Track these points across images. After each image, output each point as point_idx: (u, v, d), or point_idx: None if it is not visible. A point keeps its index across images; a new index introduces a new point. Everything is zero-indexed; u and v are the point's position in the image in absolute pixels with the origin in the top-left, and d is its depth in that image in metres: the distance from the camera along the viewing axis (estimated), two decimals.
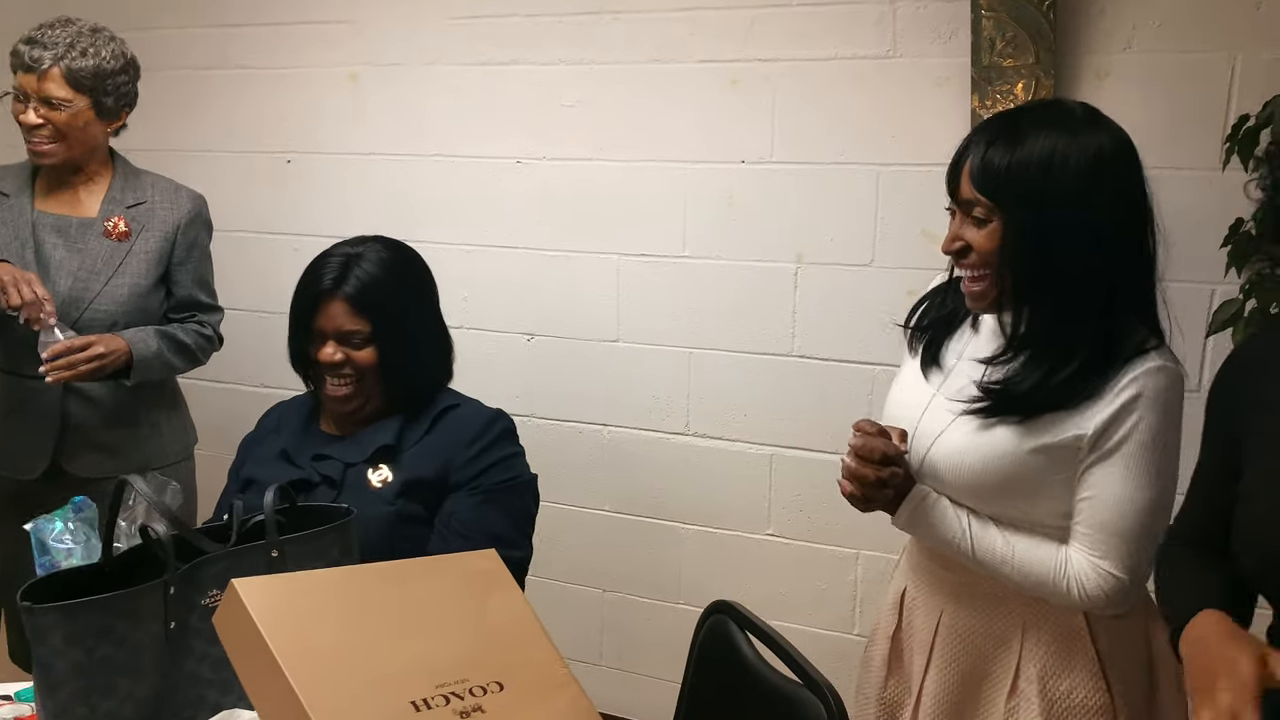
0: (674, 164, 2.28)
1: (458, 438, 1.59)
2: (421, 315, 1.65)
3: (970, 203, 1.25)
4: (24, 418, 2.01)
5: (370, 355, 1.57)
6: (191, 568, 1.21)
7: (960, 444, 1.31)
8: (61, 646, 1.10)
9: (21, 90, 1.91)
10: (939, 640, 1.41)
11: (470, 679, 1.02)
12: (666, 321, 2.35)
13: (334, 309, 1.56)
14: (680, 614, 2.45)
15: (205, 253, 2.15)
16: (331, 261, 1.59)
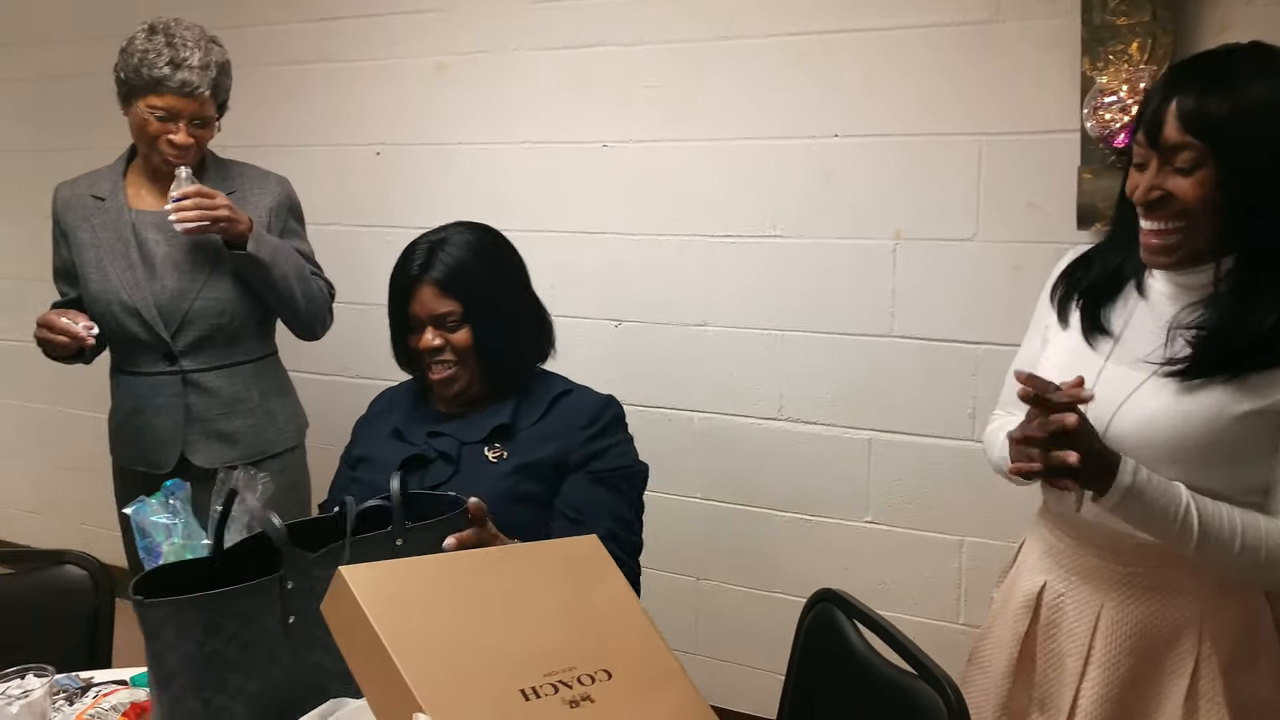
0: (763, 141, 2.22)
1: (572, 422, 1.60)
2: (511, 293, 1.66)
3: (1176, 148, 1.16)
4: (150, 413, 2.06)
5: (466, 336, 1.59)
6: (319, 558, 1.20)
7: (1155, 408, 1.20)
8: (173, 640, 1.11)
9: (169, 112, 1.92)
10: (1099, 639, 1.30)
11: (578, 667, 0.99)
12: (757, 304, 2.29)
13: (424, 294, 1.59)
14: (776, 603, 2.40)
15: (301, 231, 2.18)
16: (417, 250, 1.62)
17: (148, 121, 1.94)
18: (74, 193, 2.08)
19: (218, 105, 2.01)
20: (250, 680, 1.15)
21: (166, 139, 1.94)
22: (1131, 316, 1.28)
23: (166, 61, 1.91)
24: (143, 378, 2.05)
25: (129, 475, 2.12)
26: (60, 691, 1.44)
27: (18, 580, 1.78)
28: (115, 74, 1.98)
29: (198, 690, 1.13)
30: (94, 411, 3.29)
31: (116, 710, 1.36)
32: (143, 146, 2.00)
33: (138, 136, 2.00)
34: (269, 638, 1.16)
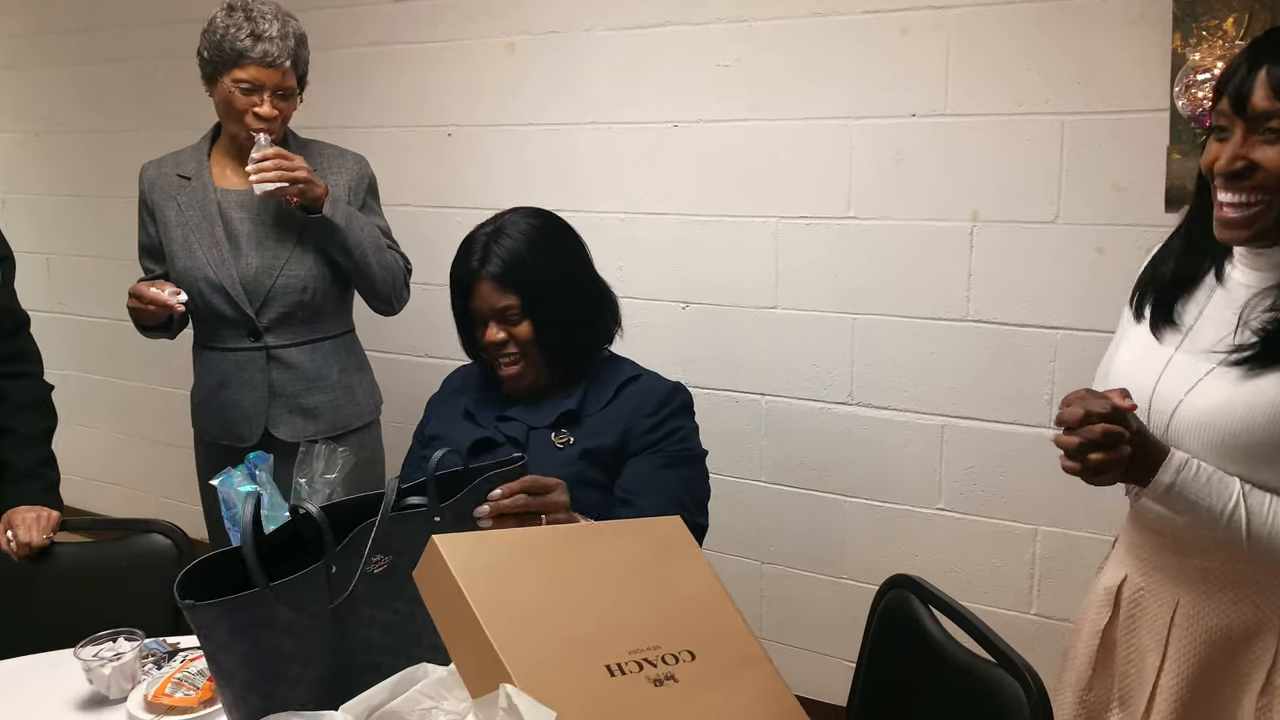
0: (837, 121, 2.19)
1: (638, 407, 1.59)
2: (571, 280, 1.65)
3: (1266, 115, 1.11)
4: (235, 388, 2.10)
5: (527, 329, 1.59)
6: (353, 538, 1.19)
7: (1216, 399, 1.17)
8: (227, 640, 1.09)
9: (253, 84, 1.96)
10: (1175, 634, 1.27)
11: (662, 646, 0.99)
12: (828, 286, 2.26)
13: (483, 289, 1.59)
14: (843, 589, 2.38)
15: (378, 209, 2.21)
16: (475, 243, 1.62)
17: (233, 96, 1.98)
18: (160, 172, 2.12)
19: (298, 78, 2.04)
20: (307, 668, 1.14)
21: (252, 112, 1.97)
22: (1206, 307, 1.24)
23: (247, 34, 1.95)
24: (227, 353, 2.10)
25: (212, 449, 2.17)
26: (149, 655, 1.49)
27: (107, 548, 1.84)
28: (199, 55, 2.02)
29: (258, 686, 1.11)
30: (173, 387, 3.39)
31: (203, 675, 1.39)
32: (228, 123, 2.04)
33: (223, 113, 2.04)
34: (319, 623, 1.15)
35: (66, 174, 3.53)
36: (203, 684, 1.38)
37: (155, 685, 1.39)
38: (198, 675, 1.39)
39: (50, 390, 1.95)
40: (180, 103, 3.12)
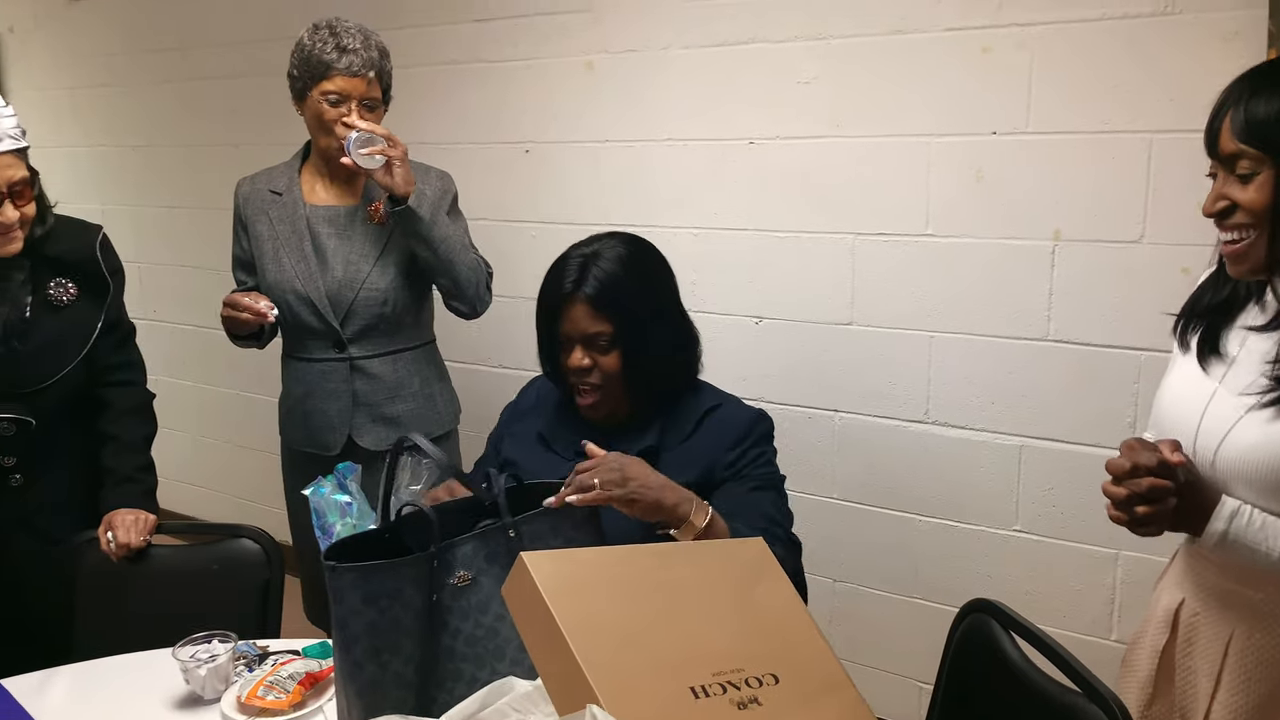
0: (916, 138, 2.18)
1: (720, 440, 1.56)
2: (663, 310, 1.62)
3: (1234, 157, 1.17)
4: (320, 398, 2.17)
5: (615, 360, 1.55)
6: (442, 549, 1.25)
7: (1254, 439, 1.17)
8: (359, 606, 1.18)
9: (341, 95, 2.02)
10: (1230, 663, 1.27)
11: (746, 669, 1.00)
12: (905, 303, 2.25)
13: (576, 312, 1.55)
14: (917, 609, 2.36)
15: (462, 222, 2.25)
16: (569, 264, 1.58)
17: (322, 108, 2.04)
18: (254, 188, 2.20)
19: (383, 89, 2.10)
20: (418, 648, 1.21)
21: (341, 122, 2.03)
22: (1248, 339, 1.25)
23: (333, 47, 2.02)
24: (313, 364, 2.16)
25: (298, 457, 2.24)
26: (241, 658, 1.54)
27: (198, 551, 1.91)
28: (288, 74, 2.09)
29: (376, 654, 1.19)
30: (255, 394, 3.50)
31: (293, 679, 1.44)
32: (318, 136, 2.09)
33: (314, 128, 2.09)
34: (421, 609, 1.22)
35: (161, 186, 3.67)
36: (293, 688, 1.42)
37: (248, 687, 1.44)
38: (288, 679, 1.44)
39: (152, 398, 2.04)
40: (267, 118, 3.23)
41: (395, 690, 1.19)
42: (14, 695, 1.50)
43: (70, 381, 1.85)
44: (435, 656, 1.21)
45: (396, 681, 1.19)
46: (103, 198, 3.80)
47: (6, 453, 1.82)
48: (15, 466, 1.83)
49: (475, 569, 1.24)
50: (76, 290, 1.85)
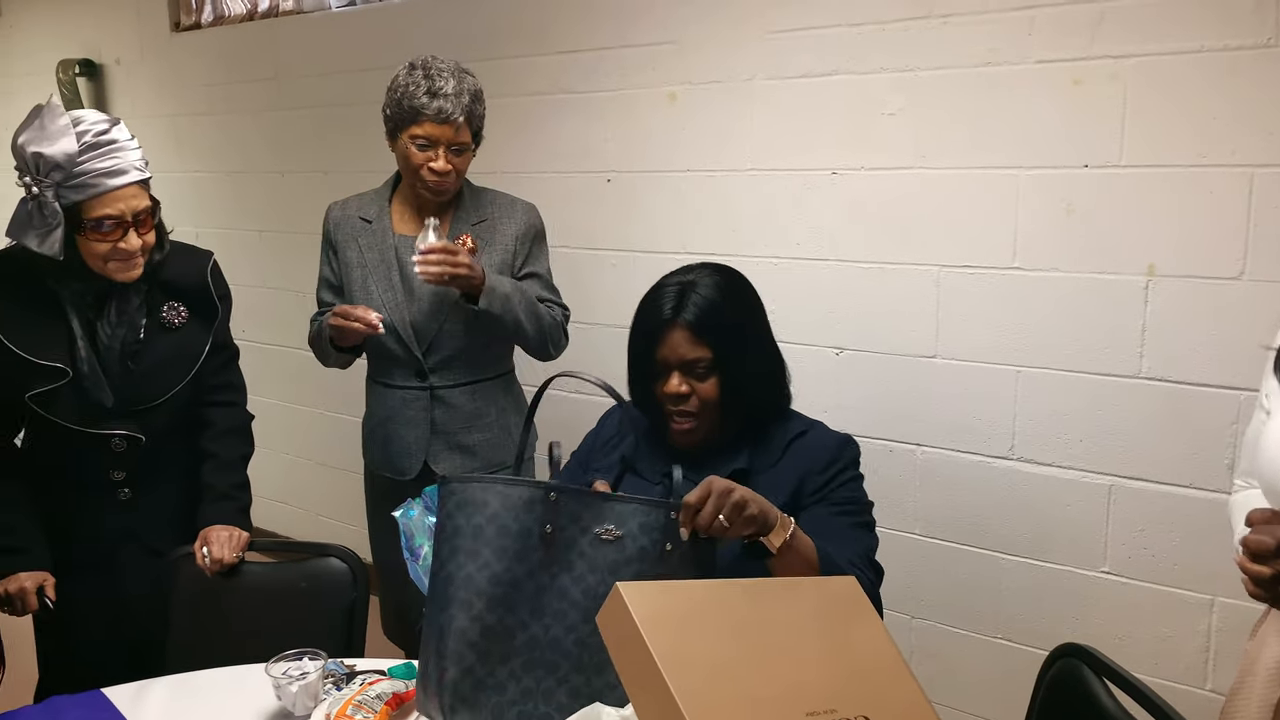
0: (1004, 170, 2.15)
1: (809, 464, 1.55)
2: (759, 339, 1.62)
3: None
4: (399, 424, 2.21)
5: (713, 387, 1.54)
6: (594, 496, 1.29)
7: None
8: (453, 511, 1.25)
9: (429, 139, 2.05)
10: None
11: (839, 711, 0.99)
12: (991, 337, 2.21)
13: (675, 338, 1.54)
14: (998, 649, 2.30)
15: (544, 258, 2.27)
16: (667, 291, 1.57)
17: (410, 152, 2.07)
18: (345, 214, 2.25)
19: (473, 133, 2.12)
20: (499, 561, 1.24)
21: (428, 167, 2.06)
22: None
23: (424, 91, 2.04)
24: (395, 390, 2.20)
25: (378, 479, 2.29)
26: (329, 676, 1.57)
27: (288, 569, 1.96)
28: (383, 111, 2.13)
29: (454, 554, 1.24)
30: (337, 413, 3.58)
31: (380, 699, 1.46)
32: (408, 177, 2.14)
33: (403, 168, 2.14)
34: (520, 530, 1.25)
35: (251, 211, 3.80)
36: (380, 708, 1.45)
37: (337, 706, 1.46)
38: (375, 699, 1.46)
39: (251, 420, 2.10)
40: (356, 146, 3.33)
41: (464, 591, 1.21)
42: (114, 703, 1.56)
43: (178, 400, 1.93)
44: (544, 588, 1.23)
45: (466, 584, 1.21)
46: (197, 221, 3.95)
47: (118, 467, 1.89)
48: (125, 480, 1.91)
49: (626, 530, 1.26)
50: (187, 313, 1.93)
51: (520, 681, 1.18)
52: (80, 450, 1.87)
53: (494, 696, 1.17)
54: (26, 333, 1.79)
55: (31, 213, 1.71)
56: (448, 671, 1.16)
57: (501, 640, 1.19)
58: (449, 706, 1.15)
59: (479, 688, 1.16)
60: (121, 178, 1.72)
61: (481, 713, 1.16)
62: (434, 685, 1.21)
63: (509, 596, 1.21)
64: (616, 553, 1.26)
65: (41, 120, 1.70)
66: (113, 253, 1.75)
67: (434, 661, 1.17)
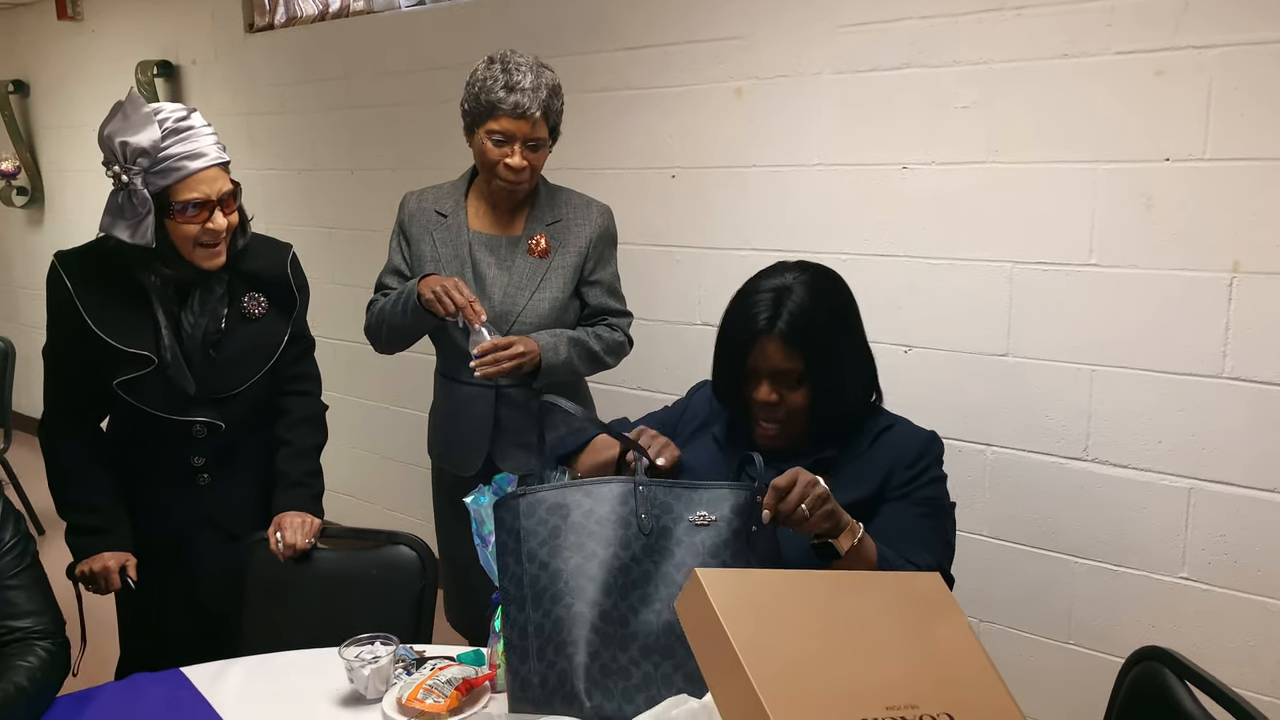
0: (1081, 165, 2.10)
1: (898, 458, 1.53)
2: (851, 344, 1.58)
3: None
4: (464, 421, 2.22)
5: (802, 397, 1.52)
6: (679, 484, 1.31)
7: None
8: (545, 516, 1.26)
9: (505, 134, 2.05)
10: None
11: (920, 707, 0.98)
12: (1066, 335, 2.17)
13: (768, 348, 1.50)
14: (1069, 655, 2.25)
15: (613, 263, 2.27)
16: (761, 297, 1.53)
17: (486, 147, 2.08)
18: (420, 205, 2.25)
19: (550, 128, 2.11)
20: (603, 550, 1.25)
21: (504, 163, 2.07)
22: None
23: (502, 85, 2.03)
24: (462, 386, 2.21)
25: (444, 473, 2.30)
26: (399, 661, 1.60)
27: (358, 556, 1.99)
28: (461, 106, 2.14)
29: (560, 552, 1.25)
30: (405, 408, 3.63)
31: (451, 684, 1.48)
32: (484, 173, 2.14)
33: (480, 164, 2.14)
34: (618, 520, 1.26)
35: (320, 208, 3.87)
36: (450, 693, 1.46)
37: (408, 690, 1.48)
38: (446, 684, 1.48)
39: (325, 410, 2.14)
40: (424, 144, 3.38)
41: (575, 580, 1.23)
42: (193, 682, 1.59)
43: (257, 389, 1.97)
44: (649, 576, 1.24)
45: (578, 574, 1.22)
46: (268, 218, 4.02)
47: (198, 453, 1.94)
48: (204, 466, 1.96)
49: (719, 514, 1.28)
50: (267, 304, 1.97)
51: (640, 667, 1.18)
52: (163, 437, 1.92)
53: (620, 681, 1.17)
54: (115, 322, 1.84)
55: (123, 204, 1.76)
56: (575, 657, 1.16)
57: (618, 625, 1.20)
58: (584, 691, 1.16)
59: (606, 673, 1.17)
60: (202, 160, 1.77)
61: (614, 698, 1.16)
62: (554, 677, 1.19)
63: (620, 582, 1.22)
64: (714, 536, 1.27)
65: (125, 111, 1.75)
66: (201, 234, 1.80)
67: (552, 651, 1.17)
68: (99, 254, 1.87)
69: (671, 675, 1.20)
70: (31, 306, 5.69)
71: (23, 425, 4.95)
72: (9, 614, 1.56)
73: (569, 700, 1.16)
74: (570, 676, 1.16)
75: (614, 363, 2.25)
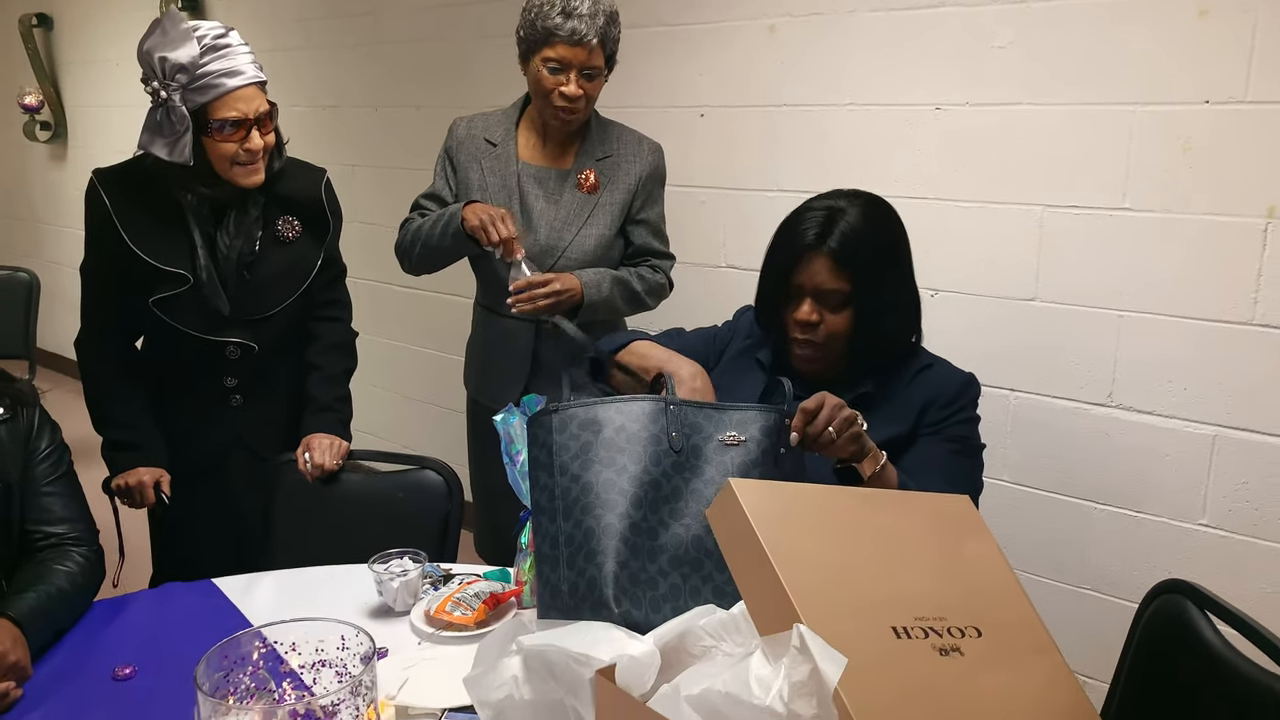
0: (1118, 106, 2.08)
1: (935, 396, 1.53)
2: (899, 277, 1.57)
3: None
4: (502, 354, 2.21)
5: (844, 321, 1.51)
6: (709, 405, 1.31)
7: None
8: (577, 431, 1.26)
9: (561, 62, 2.02)
10: None
11: (948, 619, 0.99)
12: (1095, 280, 2.15)
13: (816, 265, 1.49)
14: (1085, 599, 2.27)
15: (659, 203, 2.25)
16: (813, 215, 1.51)
17: (541, 75, 2.04)
18: (469, 133, 2.21)
19: (606, 56, 2.07)
20: (633, 464, 1.25)
21: (559, 91, 2.03)
22: None
23: (559, 11, 1.99)
24: (502, 319, 2.19)
25: (479, 404, 2.31)
26: (426, 577, 1.62)
27: (385, 479, 2.02)
28: (516, 33, 2.10)
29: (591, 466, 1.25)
30: (431, 348, 3.65)
31: (478, 598, 1.51)
32: (538, 102, 2.11)
33: (534, 93, 2.11)
34: (649, 438, 1.26)
35: (344, 146, 3.86)
36: (478, 606, 1.49)
37: (436, 603, 1.51)
38: (473, 598, 1.51)
39: (355, 336, 2.15)
40: (450, 82, 3.36)
41: (606, 493, 1.23)
42: (224, 592, 1.63)
43: (289, 313, 1.98)
44: (678, 490, 1.25)
45: (609, 487, 1.23)
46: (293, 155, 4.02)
47: (231, 374, 1.96)
48: (236, 388, 1.98)
49: (749, 434, 1.29)
50: (301, 228, 1.97)
51: (668, 578, 1.20)
52: (197, 357, 1.94)
53: (648, 591, 1.18)
54: (153, 240, 1.85)
55: (161, 121, 1.77)
56: (605, 565, 1.18)
57: (647, 537, 1.21)
58: (613, 598, 1.17)
59: (634, 581, 1.18)
60: (240, 78, 1.77)
61: (641, 606, 1.17)
62: (583, 584, 1.20)
63: (650, 496, 1.22)
64: (743, 455, 1.28)
65: (164, 27, 1.75)
66: (238, 153, 1.80)
67: (582, 559, 1.19)
68: (136, 172, 1.87)
69: (700, 588, 1.21)
70: (55, 241, 5.73)
71: (46, 361, 4.99)
72: (44, 519, 1.59)
73: (597, 607, 1.17)
74: (599, 584, 1.17)
75: (654, 304, 2.24)
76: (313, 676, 1.15)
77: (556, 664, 1.10)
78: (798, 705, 0.87)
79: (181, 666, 1.41)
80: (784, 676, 0.89)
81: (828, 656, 0.88)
